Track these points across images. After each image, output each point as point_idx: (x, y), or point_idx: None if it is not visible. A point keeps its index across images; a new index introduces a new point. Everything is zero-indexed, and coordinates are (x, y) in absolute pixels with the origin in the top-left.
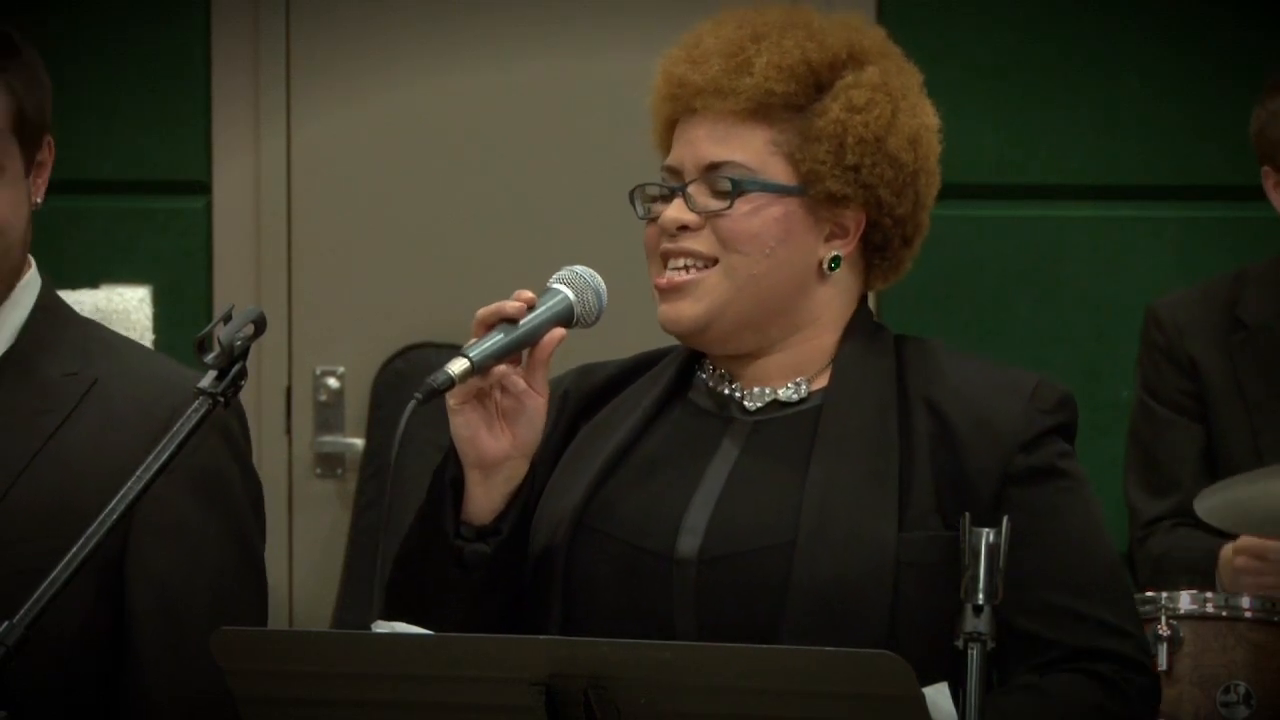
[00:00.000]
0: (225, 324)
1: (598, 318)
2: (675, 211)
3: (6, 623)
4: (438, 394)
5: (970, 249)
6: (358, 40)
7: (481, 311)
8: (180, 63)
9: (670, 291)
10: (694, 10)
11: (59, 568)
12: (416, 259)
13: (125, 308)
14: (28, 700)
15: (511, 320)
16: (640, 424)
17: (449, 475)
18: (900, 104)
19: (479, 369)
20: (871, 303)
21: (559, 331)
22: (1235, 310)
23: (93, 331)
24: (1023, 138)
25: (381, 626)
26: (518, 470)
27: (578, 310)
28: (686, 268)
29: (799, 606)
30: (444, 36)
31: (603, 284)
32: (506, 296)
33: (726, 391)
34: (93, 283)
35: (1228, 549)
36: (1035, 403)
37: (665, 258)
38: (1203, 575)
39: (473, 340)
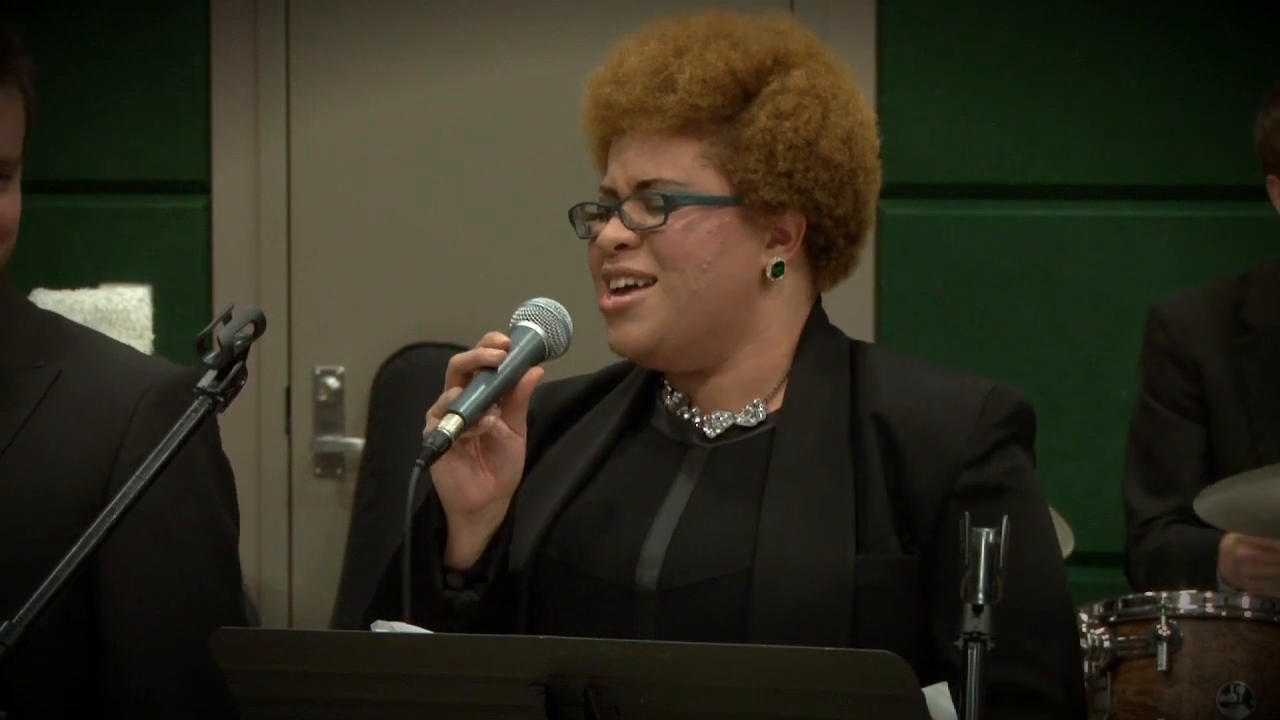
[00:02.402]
0: (225, 324)
1: (567, 348)
2: (613, 231)
3: (6, 623)
4: (438, 456)
5: (970, 249)
6: (358, 40)
7: (457, 359)
8: (180, 63)
9: (615, 314)
10: (692, 12)
11: (59, 567)
12: (416, 259)
13: (125, 308)
14: (24, 700)
15: (490, 368)
16: (601, 453)
17: (433, 526)
18: (830, 104)
19: (470, 423)
20: (871, 303)
21: (536, 371)
22: (1240, 313)
23: (53, 323)
24: (1023, 138)
25: (381, 626)
26: (500, 510)
27: (548, 344)
28: (627, 287)
29: (759, 635)
30: (444, 37)
31: (568, 314)
32: (506, 296)
33: (686, 417)
34: (93, 283)
35: (1229, 538)
36: (985, 416)
37: (607, 279)
38: (1199, 567)
39: (454, 392)
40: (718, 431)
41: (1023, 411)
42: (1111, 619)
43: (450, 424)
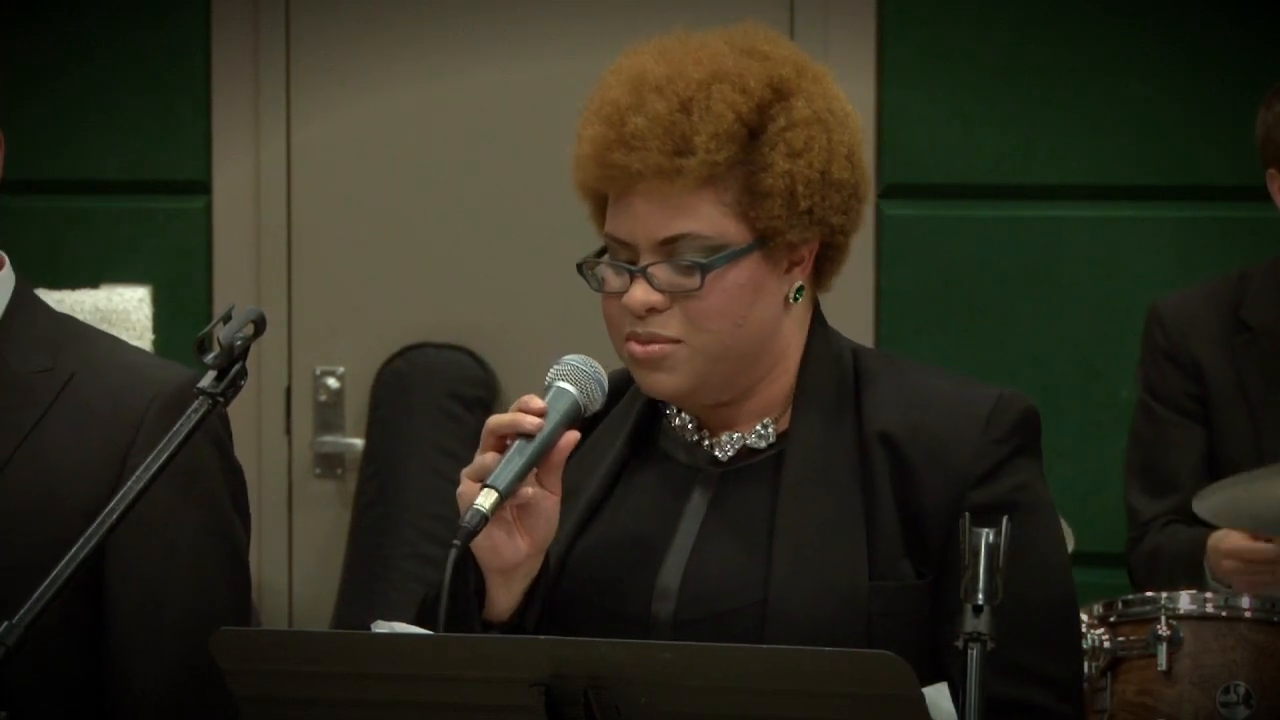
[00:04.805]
0: (225, 324)
1: (601, 404)
2: (642, 294)
3: (6, 623)
4: (475, 535)
5: (970, 249)
6: (358, 40)
7: (494, 422)
8: (180, 63)
9: (645, 363)
10: (694, 13)
11: (59, 566)
12: (416, 259)
13: (125, 308)
14: (23, 700)
15: (527, 435)
16: (609, 478)
17: (472, 587)
18: (831, 124)
19: (507, 496)
20: (871, 303)
21: (572, 435)
22: (1239, 312)
23: (66, 326)
24: (1023, 138)
25: (381, 626)
26: (535, 565)
27: (583, 404)
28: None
29: None
30: (444, 36)
31: (601, 370)
32: (506, 297)
33: (695, 439)
34: (93, 283)
35: (1214, 536)
36: (990, 430)
37: (631, 336)
38: (1190, 564)
39: (491, 458)
40: (728, 454)
41: (1028, 420)
42: (1111, 619)
43: (487, 501)
